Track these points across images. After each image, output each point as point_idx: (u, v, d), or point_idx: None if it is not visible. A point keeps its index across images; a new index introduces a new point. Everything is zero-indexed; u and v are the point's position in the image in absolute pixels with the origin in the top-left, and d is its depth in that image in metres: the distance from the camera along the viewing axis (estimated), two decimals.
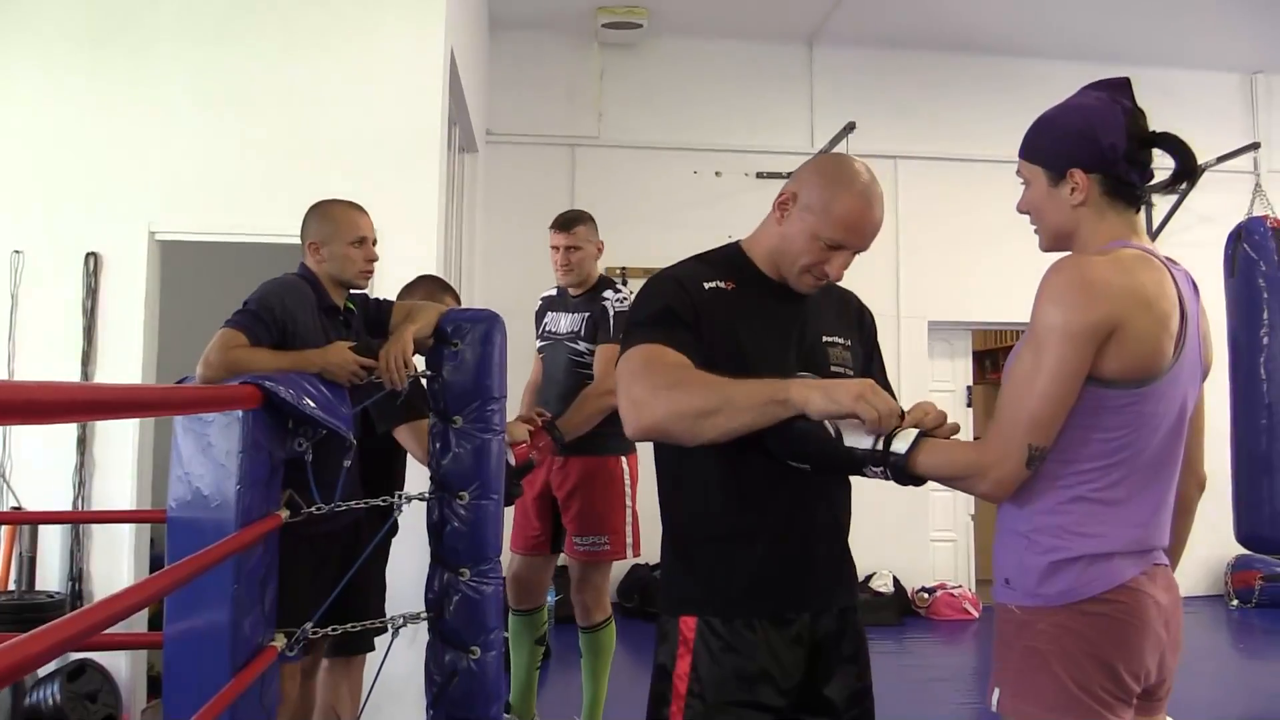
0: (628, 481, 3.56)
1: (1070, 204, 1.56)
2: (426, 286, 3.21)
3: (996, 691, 1.53)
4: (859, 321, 1.91)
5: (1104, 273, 1.44)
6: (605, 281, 3.65)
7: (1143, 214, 1.61)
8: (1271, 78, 7.39)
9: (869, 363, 1.87)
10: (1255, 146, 6.35)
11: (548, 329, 3.64)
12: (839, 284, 1.86)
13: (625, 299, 3.56)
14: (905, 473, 1.49)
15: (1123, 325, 1.42)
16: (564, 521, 3.54)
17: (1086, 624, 1.46)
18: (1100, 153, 1.53)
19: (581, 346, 3.52)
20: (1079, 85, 1.67)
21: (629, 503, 3.55)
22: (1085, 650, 1.45)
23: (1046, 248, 1.63)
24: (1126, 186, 1.54)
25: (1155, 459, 1.50)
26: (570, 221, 3.59)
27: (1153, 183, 1.61)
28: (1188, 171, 1.57)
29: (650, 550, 2.12)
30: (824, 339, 1.78)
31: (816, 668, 1.71)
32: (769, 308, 1.75)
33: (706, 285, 1.71)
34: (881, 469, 1.50)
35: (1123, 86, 1.59)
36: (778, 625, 1.67)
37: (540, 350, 3.66)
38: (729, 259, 1.79)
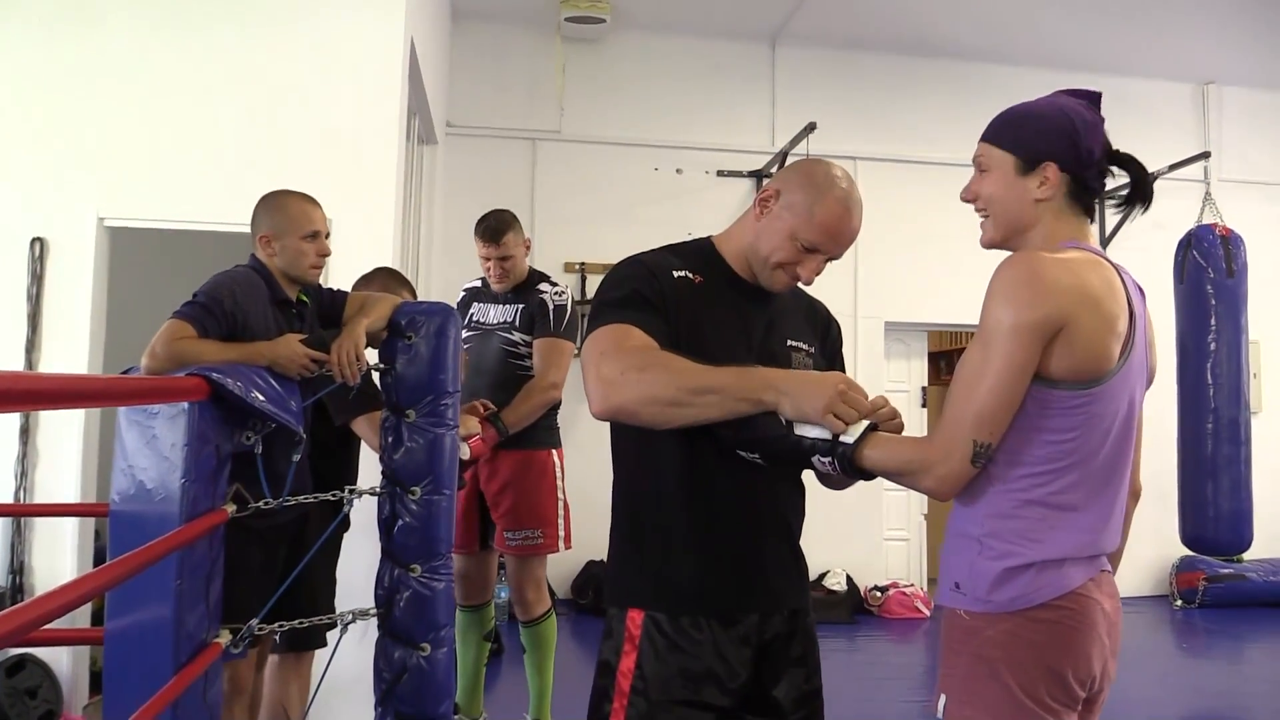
0: (558, 474, 3.57)
1: (1033, 196, 1.56)
2: (383, 279, 3.17)
3: (943, 699, 1.53)
4: (825, 330, 1.92)
5: (1053, 270, 1.45)
6: (536, 275, 3.65)
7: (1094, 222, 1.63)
8: (1223, 88, 7.53)
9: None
10: (1206, 155, 6.48)
11: (475, 320, 3.63)
12: (809, 291, 1.87)
13: (562, 293, 3.59)
14: (852, 465, 1.49)
15: (1070, 323, 1.42)
16: (494, 517, 3.52)
17: (1037, 631, 1.46)
18: (1078, 154, 1.55)
19: (516, 337, 3.51)
20: (1036, 91, 1.68)
21: (560, 495, 3.56)
22: (1034, 658, 1.46)
23: (993, 240, 1.62)
24: (1087, 193, 1.57)
25: (1106, 463, 1.51)
26: (497, 232, 3.54)
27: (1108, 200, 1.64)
28: (1143, 197, 1.60)
29: (596, 544, 2.09)
30: (788, 343, 1.79)
31: (764, 669, 1.71)
32: (735, 305, 1.75)
33: (675, 274, 1.71)
34: (830, 459, 1.50)
35: (1096, 100, 1.61)
36: (725, 625, 1.67)
37: (467, 341, 3.59)
38: (700, 253, 1.79)
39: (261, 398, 2.08)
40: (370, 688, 2.53)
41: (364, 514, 2.64)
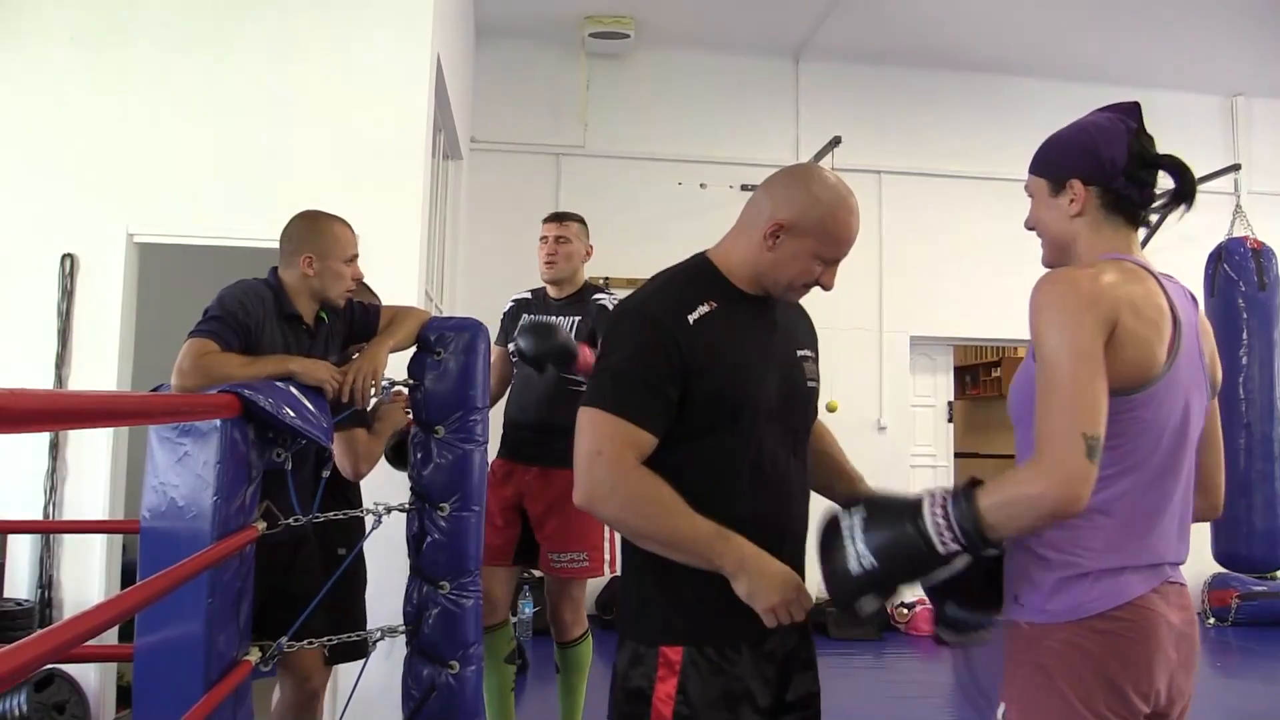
0: None
1: (1068, 214, 1.59)
2: (364, 293, 3.12)
3: (1002, 708, 1.53)
4: (812, 332, 1.91)
5: (1089, 281, 1.47)
6: (591, 286, 3.56)
7: (1140, 233, 1.66)
8: (1252, 100, 7.46)
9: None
10: (1235, 168, 6.40)
11: None
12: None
13: (615, 300, 3.47)
14: (977, 525, 1.40)
15: (1116, 326, 1.44)
16: (538, 537, 3.40)
17: (1094, 641, 1.45)
18: (1099, 165, 1.56)
19: (574, 350, 3.34)
20: (1062, 104, 1.69)
21: None
22: (1092, 668, 1.45)
23: (1047, 260, 1.67)
24: (1124, 201, 1.57)
25: (1160, 470, 1.50)
26: (565, 215, 3.55)
27: (1153, 204, 1.63)
28: (1186, 194, 1.60)
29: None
30: (798, 353, 1.80)
31: (783, 678, 1.74)
32: (750, 325, 1.74)
33: (691, 318, 1.66)
34: (951, 535, 1.41)
35: (1131, 110, 1.62)
36: (754, 645, 1.68)
37: (515, 354, 3.39)
38: (704, 276, 1.75)
39: (292, 413, 2.08)
40: (396, 705, 2.52)
41: (391, 529, 2.62)
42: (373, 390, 2.44)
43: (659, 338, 1.64)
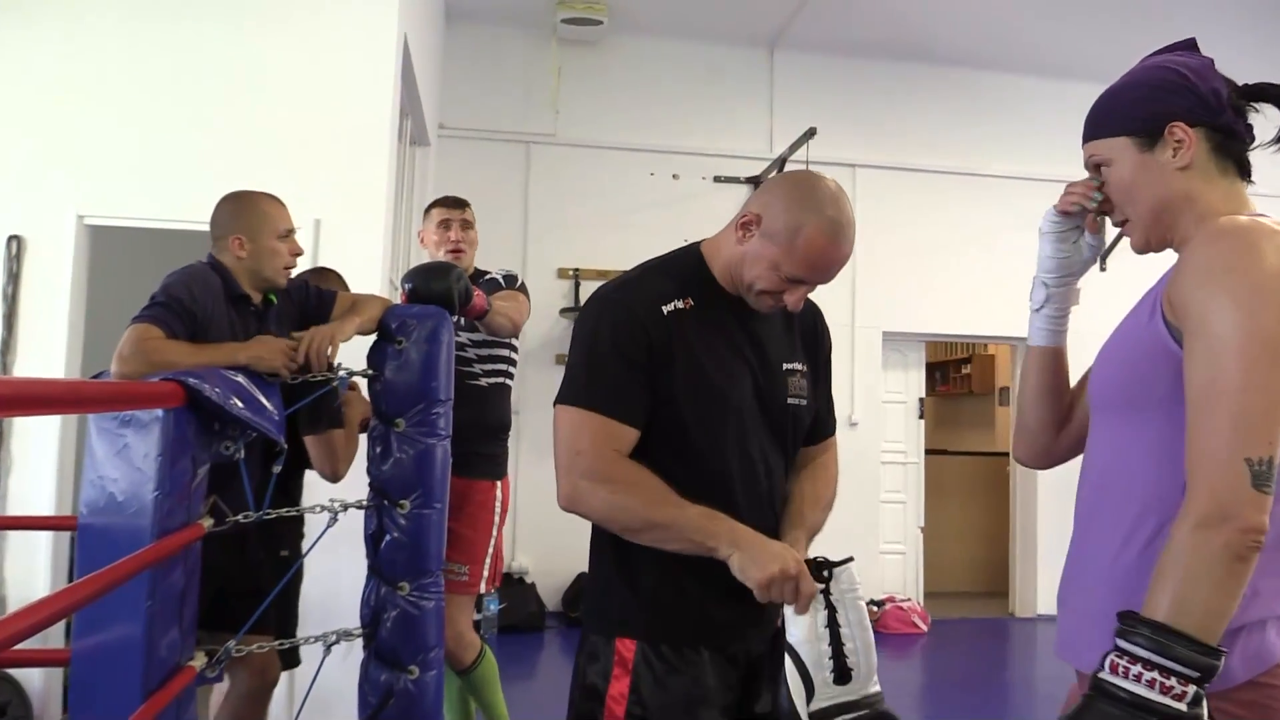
0: (498, 510, 3.24)
1: (1173, 167, 1.28)
2: (331, 279, 3.00)
3: None
4: (816, 343, 1.80)
5: (1273, 230, 1.17)
6: (480, 271, 3.37)
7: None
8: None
9: (818, 386, 1.78)
10: None
11: None
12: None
13: (502, 270, 3.34)
14: (1178, 641, 1.08)
15: None
16: None
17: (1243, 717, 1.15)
18: (1202, 101, 1.28)
19: (463, 338, 3.17)
20: (1037, 98, 1.56)
21: (494, 532, 3.23)
22: None
23: (1145, 240, 1.33)
24: (1234, 141, 1.29)
25: None
26: (463, 201, 3.37)
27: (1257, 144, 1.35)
28: None
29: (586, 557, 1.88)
30: (784, 367, 1.70)
31: (749, 687, 1.68)
32: (728, 329, 1.65)
33: (665, 309, 1.60)
34: (1178, 680, 1.08)
35: (1194, 45, 1.38)
36: (719, 649, 1.63)
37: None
38: (689, 269, 1.68)
39: (240, 404, 1.96)
40: (352, 710, 2.41)
41: (350, 525, 2.50)
42: (330, 352, 2.30)
43: (630, 322, 1.58)
